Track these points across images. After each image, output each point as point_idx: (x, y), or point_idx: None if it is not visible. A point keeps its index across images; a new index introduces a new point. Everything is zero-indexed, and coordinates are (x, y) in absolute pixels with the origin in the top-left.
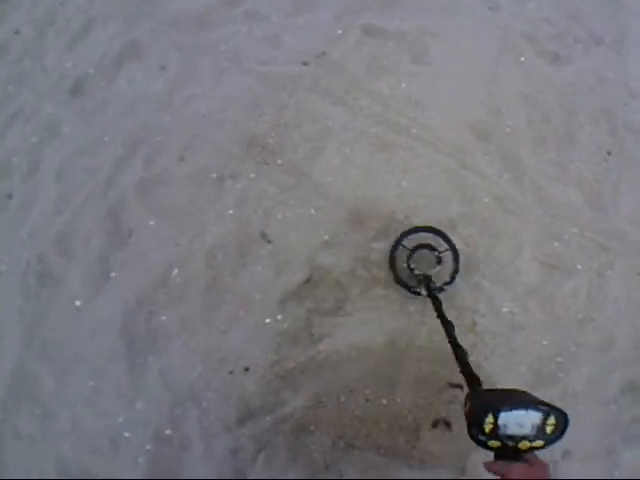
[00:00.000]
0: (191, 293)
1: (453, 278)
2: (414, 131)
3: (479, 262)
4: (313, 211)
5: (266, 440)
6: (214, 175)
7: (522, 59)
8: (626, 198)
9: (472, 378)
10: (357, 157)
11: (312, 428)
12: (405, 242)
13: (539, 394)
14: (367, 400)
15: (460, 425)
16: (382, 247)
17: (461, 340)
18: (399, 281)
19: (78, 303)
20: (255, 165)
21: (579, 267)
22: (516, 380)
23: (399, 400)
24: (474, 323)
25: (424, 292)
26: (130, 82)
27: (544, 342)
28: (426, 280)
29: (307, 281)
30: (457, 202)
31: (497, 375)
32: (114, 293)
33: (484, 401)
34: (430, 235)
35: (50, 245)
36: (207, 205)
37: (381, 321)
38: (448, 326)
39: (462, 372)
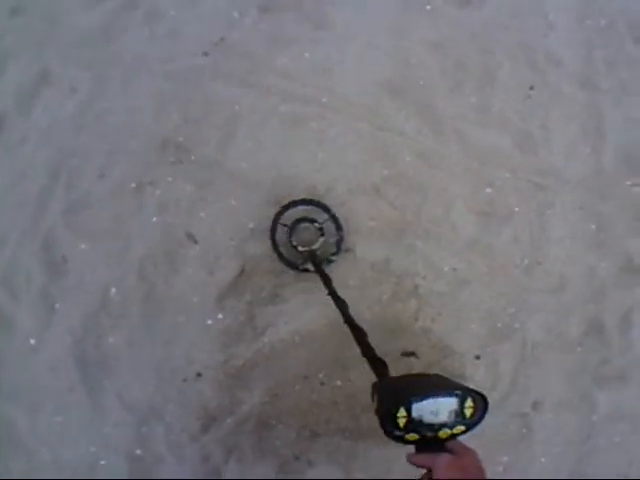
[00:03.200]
0: (131, 310)
1: (339, 248)
2: (324, 100)
3: (410, 223)
4: (234, 202)
5: (232, 443)
6: (133, 185)
7: (428, 7)
8: (556, 133)
9: (377, 364)
10: (269, 137)
11: (273, 422)
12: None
13: (497, 348)
14: (322, 384)
15: None
16: (310, 225)
17: (404, 307)
18: (285, 261)
19: (33, 342)
20: (170, 167)
21: (516, 210)
22: (470, 339)
23: (353, 379)
24: (416, 287)
25: (312, 268)
26: (45, 110)
27: (492, 294)
28: (311, 255)
29: (240, 274)
30: (378, 166)
31: (448, 336)
32: (62, 324)
33: (393, 394)
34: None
35: None
36: (131, 217)
37: (320, 302)
38: (341, 304)
39: (364, 356)
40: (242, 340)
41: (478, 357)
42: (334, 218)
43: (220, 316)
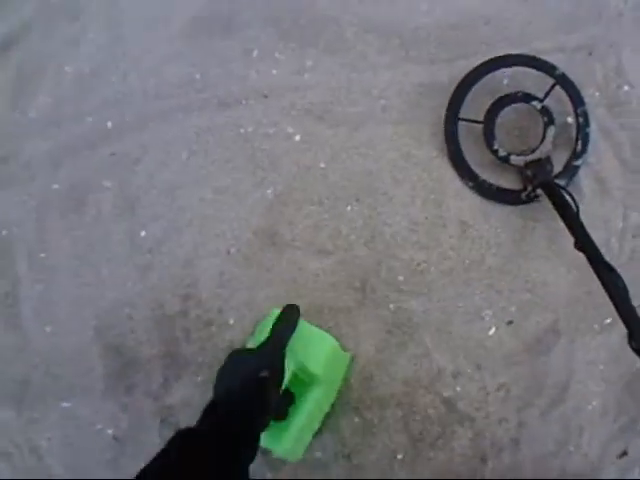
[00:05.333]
0: None
1: (583, 146)
2: None
3: None
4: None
5: None
6: None
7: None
8: None
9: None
10: None
11: None
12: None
13: None
14: None
15: None
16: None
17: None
18: (488, 191)
19: None
20: None
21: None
22: None
23: None
24: None
25: (540, 191)
26: None
27: None
28: (537, 170)
29: None
30: None
31: None
32: None
33: None
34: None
35: None
36: None
37: None
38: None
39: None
40: None
41: None
42: (563, 81)
43: None
